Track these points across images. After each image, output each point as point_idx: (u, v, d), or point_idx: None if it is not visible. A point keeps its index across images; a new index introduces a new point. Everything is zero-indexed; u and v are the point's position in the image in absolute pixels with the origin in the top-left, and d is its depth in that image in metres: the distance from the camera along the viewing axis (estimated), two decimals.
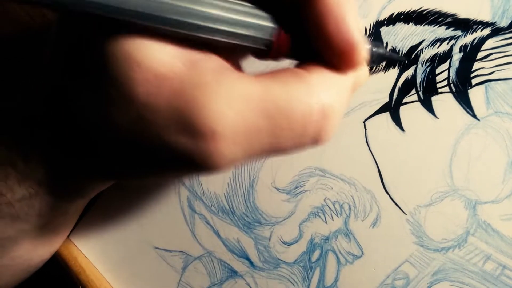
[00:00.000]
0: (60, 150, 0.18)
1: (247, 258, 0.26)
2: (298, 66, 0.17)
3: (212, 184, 0.27)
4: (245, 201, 0.27)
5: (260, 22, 0.16)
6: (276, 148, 0.16)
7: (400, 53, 0.24)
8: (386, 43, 0.24)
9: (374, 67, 0.24)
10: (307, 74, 0.16)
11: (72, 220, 0.24)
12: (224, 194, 0.27)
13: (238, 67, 0.18)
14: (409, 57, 0.24)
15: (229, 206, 0.27)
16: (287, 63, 0.18)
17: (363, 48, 0.16)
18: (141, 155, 0.16)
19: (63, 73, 0.16)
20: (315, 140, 0.16)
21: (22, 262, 0.22)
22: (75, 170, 0.19)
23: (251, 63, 0.22)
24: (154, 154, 0.15)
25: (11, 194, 0.18)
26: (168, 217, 0.28)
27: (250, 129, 0.15)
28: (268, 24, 0.16)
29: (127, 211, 0.28)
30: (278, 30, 0.16)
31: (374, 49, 0.18)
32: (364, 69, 0.18)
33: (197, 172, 0.16)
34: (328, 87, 0.16)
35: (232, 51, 0.17)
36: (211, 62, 0.15)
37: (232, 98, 0.14)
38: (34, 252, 0.22)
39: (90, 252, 0.28)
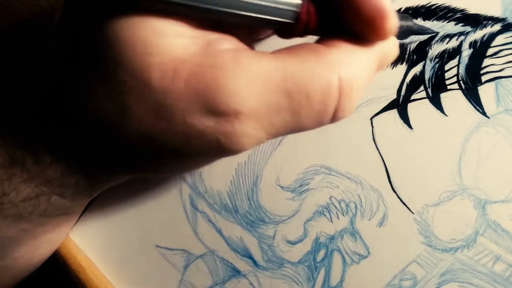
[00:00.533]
0: (73, 150, 0.17)
1: (251, 257, 0.26)
2: (318, 41, 0.17)
3: (215, 181, 0.27)
4: (248, 199, 0.26)
5: None
6: (296, 125, 0.16)
7: (409, 49, 0.24)
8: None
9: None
10: (326, 49, 0.16)
11: (74, 218, 0.23)
12: (227, 192, 0.26)
13: (253, 49, 0.18)
14: (417, 53, 0.24)
15: (232, 204, 0.26)
16: (307, 39, 0.18)
17: (393, 16, 0.15)
18: (165, 145, 0.15)
19: (70, 67, 0.16)
20: (335, 117, 0.16)
21: (23, 262, 0.21)
22: (89, 168, 0.18)
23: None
24: (179, 141, 0.15)
25: (15, 194, 0.18)
26: (169, 215, 0.27)
27: (271, 107, 0.15)
28: None
29: (127, 208, 0.28)
30: (306, 1, 0.16)
31: (402, 22, 0.18)
32: (392, 42, 0.17)
33: (222, 154, 0.16)
34: (349, 62, 0.16)
35: (249, 31, 0.17)
36: (228, 43, 0.15)
37: (251, 77, 0.14)
38: (35, 252, 0.21)
39: (90, 250, 0.28)
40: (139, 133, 0.15)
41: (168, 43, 0.14)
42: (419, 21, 0.24)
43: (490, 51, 0.23)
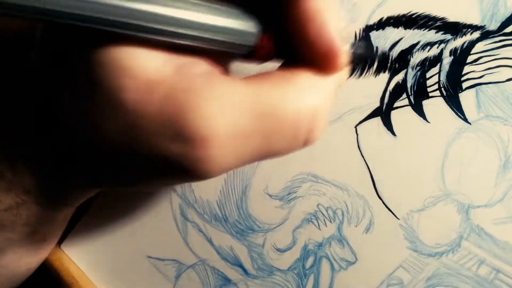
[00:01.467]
0: (48, 160, 0.18)
1: (241, 266, 0.26)
2: (282, 68, 0.17)
3: (205, 191, 0.27)
4: (237, 208, 0.26)
5: (243, 28, 0.16)
6: (268, 151, 0.16)
7: (390, 57, 0.24)
8: (376, 47, 0.24)
9: (363, 71, 0.24)
10: (294, 77, 0.16)
11: (60, 228, 0.23)
12: (217, 201, 0.27)
13: (226, 70, 0.18)
14: (399, 61, 0.24)
15: (221, 213, 0.27)
16: (271, 64, 0.18)
17: (343, 53, 0.16)
18: (131, 164, 0.15)
19: (49, 82, 0.16)
20: (306, 141, 0.16)
21: (7, 272, 0.21)
22: (63, 179, 0.18)
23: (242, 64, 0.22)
24: (145, 162, 0.15)
25: None
26: (160, 226, 0.27)
27: (242, 133, 0.15)
28: (251, 30, 0.16)
29: (119, 219, 0.28)
30: (261, 36, 0.16)
31: (354, 51, 0.19)
32: (344, 70, 0.18)
33: (188, 179, 0.16)
34: (316, 89, 0.16)
35: (219, 55, 0.17)
36: (200, 67, 0.15)
37: (222, 103, 0.14)
38: (20, 261, 0.22)
39: (82, 262, 0.28)
40: (109, 150, 0.15)
41: (142, 66, 0.14)
42: (400, 30, 0.24)
43: (470, 58, 0.23)
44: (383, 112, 0.24)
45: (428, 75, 0.24)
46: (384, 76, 0.24)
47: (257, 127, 0.15)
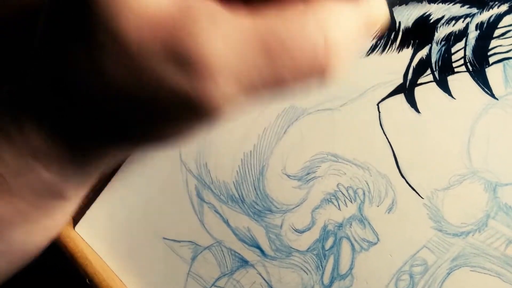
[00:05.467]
0: (55, 118, 0.17)
1: (258, 247, 0.25)
2: None
3: (221, 172, 0.26)
4: (255, 188, 0.26)
5: None
6: (277, 81, 0.15)
7: (414, 33, 0.23)
8: (399, 22, 0.24)
9: (386, 46, 0.24)
10: (311, 7, 0.15)
11: (69, 206, 0.23)
12: (233, 182, 0.26)
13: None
14: (423, 36, 0.23)
15: (238, 194, 0.26)
16: None
17: None
18: (140, 107, 0.15)
19: (53, 31, 0.16)
20: (320, 73, 0.16)
21: (17, 248, 0.21)
22: (73, 142, 0.18)
23: None
24: (154, 102, 0.15)
25: (4, 168, 0.18)
26: (176, 207, 0.27)
27: (248, 63, 0.14)
28: None
29: (133, 201, 0.27)
30: None
31: None
32: (380, 5, 0.17)
33: (199, 117, 0.16)
34: (337, 21, 0.15)
35: None
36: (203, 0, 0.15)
37: (227, 32, 0.14)
38: (30, 237, 0.21)
39: (97, 244, 0.28)
40: (117, 95, 0.15)
41: (145, 3, 0.14)
42: (424, 5, 0.23)
43: (497, 32, 0.22)
44: (406, 89, 0.24)
45: (453, 50, 0.23)
46: (408, 51, 0.24)
47: (264, 56, 0.14)
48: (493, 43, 0.22)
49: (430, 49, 0.23)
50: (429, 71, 0.23)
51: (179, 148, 0.27)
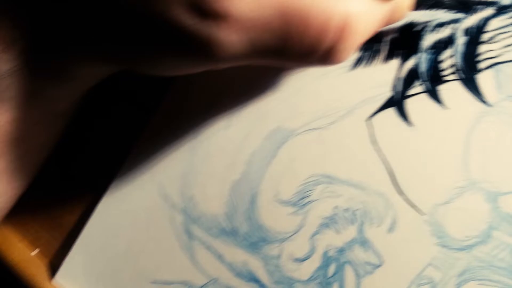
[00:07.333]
0: (47, 19, 0.16)
1: (257, 281, 0.24)
2: None
3: (209, 204, 0.24)
4: (247, 219, 0.24)
5: None
6: (282, 51, 0.15)
7: (401, 42, 0.22)
8: (382, 32, 0.22)
9: (371, 57, 0.22)
10: None
11: (52, 128, 0.20)
12: (224, 214, 0.24)
13: None
14: (409, 45, 0.22)
15: (230, 227, 0.24)
16: None
17: None
18: (143, 33, 0.15)
19: None
20: (325, 56, 0.16)
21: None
22: (63, 45, 0.16)
23: None
24: (158, 32, 0.15)
25: None
26: (163, 247, 0.25)
27: (263, 21, 0.14)
28: None
29: (114, 243, 0.25)
30: None
31: None
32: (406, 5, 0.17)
33: (196, 58, 0.15)
34: (358, 1, 0.15)
35: None
36: None
37: None
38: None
39: None
40: (123, 13, 0.14)
41: None
42: (409, 12, 0.22)
43: (486, 37, 0.21)
44: (397, 102, 0.22)
45: (442, 58, 0.22)
46: (395, 62, 0.22)
47: (279, 21, 0.14)
48: (482, 48, 0.22)
49: (418, 59, 0.22)
50: (418, 81, 0.22)
51: (161, 181, 0.25)
